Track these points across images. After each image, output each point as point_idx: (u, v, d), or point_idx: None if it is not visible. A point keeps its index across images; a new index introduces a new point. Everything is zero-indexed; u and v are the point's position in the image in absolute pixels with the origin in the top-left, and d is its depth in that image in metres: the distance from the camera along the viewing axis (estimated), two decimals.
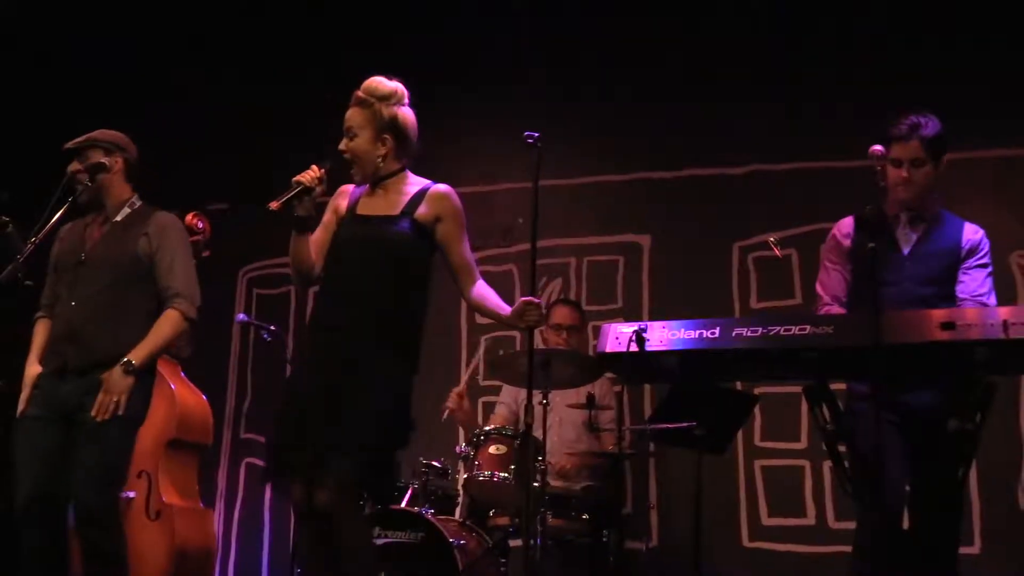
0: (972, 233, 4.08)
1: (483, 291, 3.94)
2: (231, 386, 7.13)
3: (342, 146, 3.89)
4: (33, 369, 4.37)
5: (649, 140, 6.58)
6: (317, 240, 3.95)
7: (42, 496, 4.18)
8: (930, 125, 4.01)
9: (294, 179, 3.76)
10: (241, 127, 7.17)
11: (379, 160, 3.89)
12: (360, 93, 3.91)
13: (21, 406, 4.32)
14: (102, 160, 4.44)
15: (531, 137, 3.90)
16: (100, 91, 7.14)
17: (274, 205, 3.71)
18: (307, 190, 3.77)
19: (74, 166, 4.45)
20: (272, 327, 6.35)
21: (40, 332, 4.45)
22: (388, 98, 3.89)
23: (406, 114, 3.93)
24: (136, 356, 4.21)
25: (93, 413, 4.10)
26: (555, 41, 6.76)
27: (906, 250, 4.05)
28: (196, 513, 5.64)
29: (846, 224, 4.18)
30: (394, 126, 3.88)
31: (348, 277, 3.82)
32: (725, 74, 6.44)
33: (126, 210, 4.48)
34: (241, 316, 6.72)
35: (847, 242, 4.14)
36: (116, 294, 4.32)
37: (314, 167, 3.80)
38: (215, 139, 7.06)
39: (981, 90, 5.88)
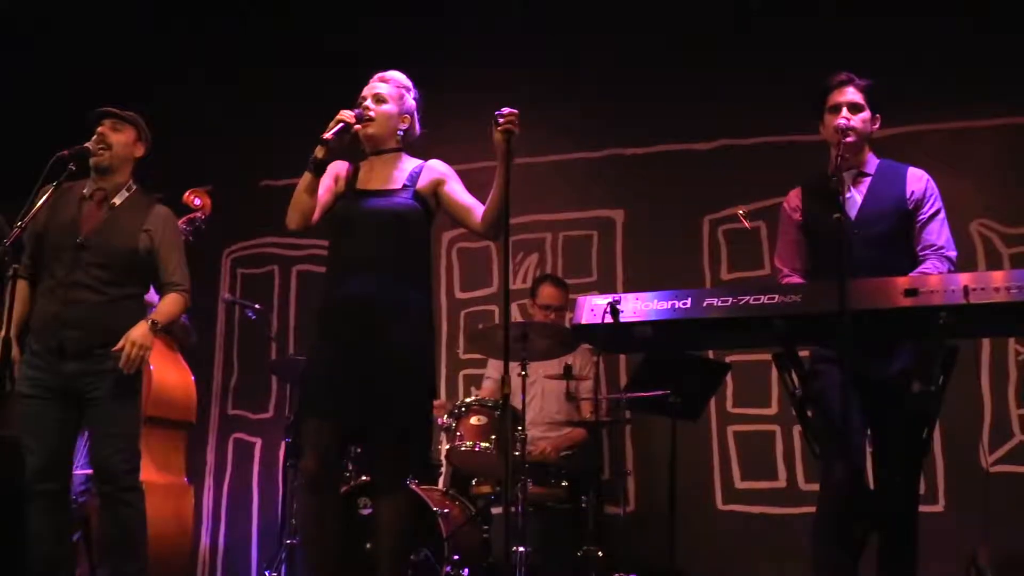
0: (916, 182, 4.09)
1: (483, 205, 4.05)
2: (218, 364, 7.18)
3: (370, 103, 4.10)
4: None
5: (621, 117, 6.65)
6: (321, 201, 4.09)
7: (48, 472, 4.32)
8: (864, 78, 4.14)
9: (338, 116, 3.99)
10: (223, 110, 7.23)
11: (399, 133, 4.14)
12: (386, 75, 4.18)
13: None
14: (89, 144, 4.54)
15: (502, 116, 3.96)
16: (86, 76, 7.16)
17: (329, 136, 3.93)
18: (349, 127, 3.99)
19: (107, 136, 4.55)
20: (256, 306, 6.46)
21: (17, 296, 4.41)
22: (409, 89, 4.19)
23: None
24: (159, 318, 4.44)
25: (121, 365, 4.25)
26: (528, 22, 6.81)
27: (852, 214, 4.06)
28: (173, 490, 5.65)
29: (793, 197, 4.25)
30: (412, 113, 4.18)
31: (359, 249, 3.97)
32: (694, 52, 6.52)
33: (124, 193, 4.57)
34: (226, 295, 6.82)
35: (796, 215, 4.20)
36: (114, 281, 4.44)
37: (351, 113, 4.02)
38: (195, 122, 7.11)
39: (939, 63, 6.00)
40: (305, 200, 4.02)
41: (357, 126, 4.03)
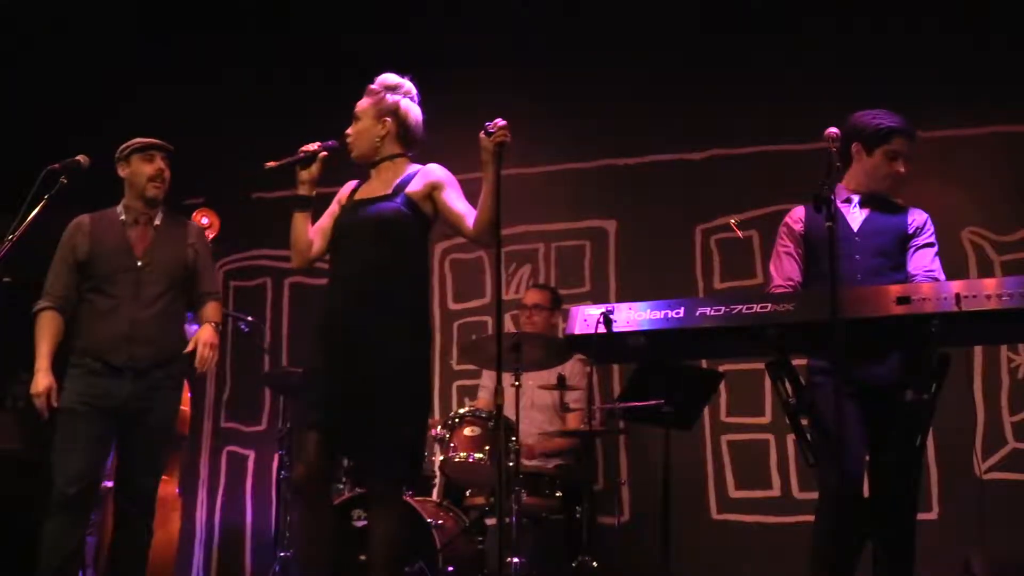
0: (917, 215, 4.20)
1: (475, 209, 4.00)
2: (210, 376, 7.08)
3: (348, 130, 4.12)
4: (46, 380, 4.48)
5: (613, 128, 6.66)
6: (321, 227, 4.14)
7: (83, 483, 4.41)
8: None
9: (300, 149, 4.07)
10: (215, 121, 7.20)
11: (377, 140, 4.08)
12: (371, 85, 4.16)
13: (44, 413, 4.49)
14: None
15: (494, 127, 3.90)
16: (70, 86, 7.19)
17: (269, 164, 4.05)
18: (307, 159, 4.05)
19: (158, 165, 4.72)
20: (249, 318, 6.45)
21: (49, 327, 4.58)
22: (394, 88, 4.13)
23: (409, 105, 4.15)
24: (218, 320, 4.77)
25: (196, 365, 4.55)
26: (521, 33, 6.81)
27: (855, 227, 4.15)
28: (164, 502, 5.67)
29: (798, 211, 4.29)
30: (395, 112, 4.09)
31: (349, 259, 3.97)
32: (685, 63, 6.53)
33: (160, 214, 4.77)
34: None
35: (799, 226, 4.24)
36: (172, 297, 4.68)
37: (316, 143, 4.08)
38: (187, 134, 7.07)
39: (928, 72, 6.02)
40: (300, 239, 4.11)
41: (323, 153, 4.09)
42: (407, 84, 4.18)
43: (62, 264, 4.64)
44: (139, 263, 4.61)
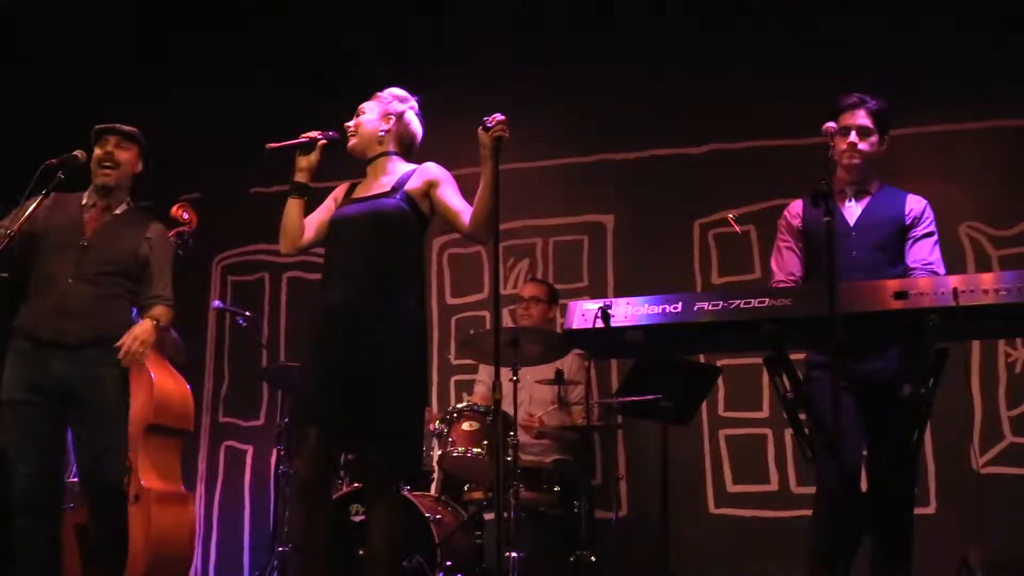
0: (915, 203, 4.18)
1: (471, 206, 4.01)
2: (208, 372, 7.16)
3: (350, 122, 4.18)
4: None
5: (611, 122, 6.66)
6: (315, 220, 4.17)
7: (39, 477, 4.31)
8: (875, 100, 4.18)
9: (302, 135, 4.13)
10: (212, 116, 7.22)
11: (379, 135, 4.14)
12: (379, 92, 4.23)
13: None
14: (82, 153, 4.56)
15: (492, 122, 3.91)
16: (67, 83, 7.19)
17: (271, 145, 4.11)
18: (307, 145, 4.11)
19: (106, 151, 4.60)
20: (247, 313, 6.46)
21: None
22: (402, 99, 4.20)
23: (413, 116, 4.23)
24: (162, 319, 4.56)
25: (120, 357, 4.36)
26: (520, 27, 6.82)
27: (852, 221, 4.15)
28: (176, 497, 5.68)
29: (796, 205, 4.30)
30: (400, 116, 4.17)
31: (344, 254, 3.99)
32: (683, 58, 6.54)
33: (124, 206, 4.67)
34: (216, 303, 6.81)
35: (797, 221, 4.25)
36: (114, 282, 4.51)
37: (318, 131, 4.15)
38: (185, 129, 7.09)
39: (925, 68, 6.02)
40: (291, 224, 4.14)
41: (323, 141, 4.13)
42: (413, 101, 4.26)
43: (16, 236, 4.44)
44: (84, 243, 4.49)
